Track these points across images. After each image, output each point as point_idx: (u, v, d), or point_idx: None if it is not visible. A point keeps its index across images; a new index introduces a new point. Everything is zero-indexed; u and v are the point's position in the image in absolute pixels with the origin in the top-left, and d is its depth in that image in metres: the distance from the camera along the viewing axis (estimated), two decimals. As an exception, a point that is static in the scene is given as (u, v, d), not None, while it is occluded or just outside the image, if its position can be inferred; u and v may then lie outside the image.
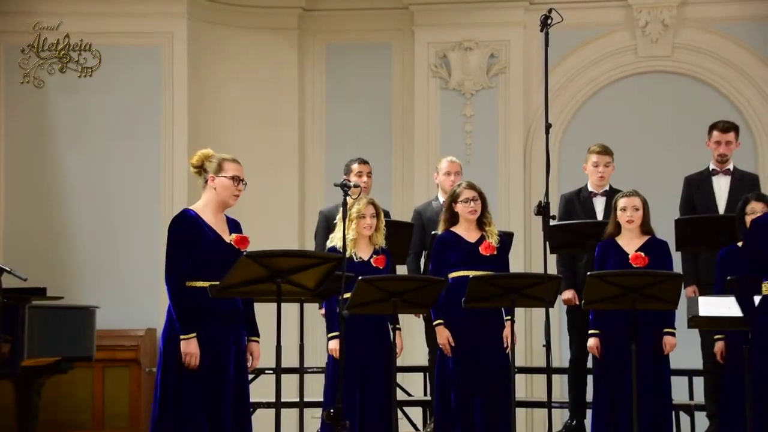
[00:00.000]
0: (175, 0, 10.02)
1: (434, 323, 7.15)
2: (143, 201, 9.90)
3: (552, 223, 6.75)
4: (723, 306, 6.34)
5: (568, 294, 7.78)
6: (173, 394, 5.65)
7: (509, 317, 7.03)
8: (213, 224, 5.77)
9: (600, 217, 7.84)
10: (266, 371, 8.52)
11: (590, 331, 7.14)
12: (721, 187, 7.99)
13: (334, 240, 7.08)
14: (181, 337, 5.61)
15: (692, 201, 8.03)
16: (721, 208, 7.90)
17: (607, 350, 7.06)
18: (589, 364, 7.57)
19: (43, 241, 9.86)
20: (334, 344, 6.95)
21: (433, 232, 7.72)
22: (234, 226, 5.89)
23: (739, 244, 6.96)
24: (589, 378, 7.56)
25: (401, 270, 8.07)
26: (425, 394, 8.88)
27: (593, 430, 7.12)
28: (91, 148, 9.97)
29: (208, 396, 5.66)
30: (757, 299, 6.01)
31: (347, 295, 6.23)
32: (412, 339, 9.37)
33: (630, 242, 7.18)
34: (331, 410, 6.14)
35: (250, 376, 8.43)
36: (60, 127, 10.01)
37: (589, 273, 6.61)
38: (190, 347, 5.60)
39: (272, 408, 5.87)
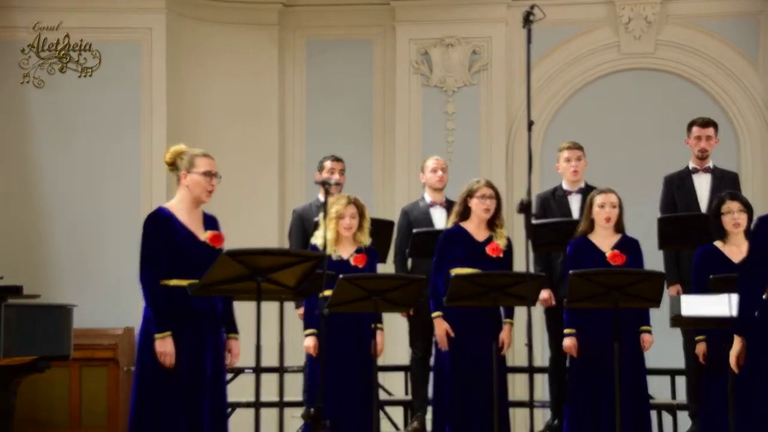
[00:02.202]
0: (155, -5, 9.97)
1: (433, 315, 7.12)
2: (122, 198, 9.82)
3: (534, 221, 6.71)
4: (705, 305, 6.30)
5: (544, 294, 7.67)
6: (151, 394, 5.63)
7: (509, 319, 7.01)
8: (187, 222, 5.73)
9: (576, 215, 7.78)
10: (246, 370, 8.47)
11: (565, 331, 7.09)
12: (702, 185, 7.95)
13: (317, 238, 7.04)
14: (156, 336, 5.59)
15: (673, 200, 7.99)
16: (703, 206, 7.85)
17: (587, 349, 7.01)
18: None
19: (20, 239, 9.77)
20: (310, 341, 6.94)
21: (415, 230, 7.68)
22: (211, 222, 5.85)
23: (716, 243, 6.91)
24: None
25: (383, 268, 8.01)
26: (406, 394, 8.84)
27: (571, 429, 7.07)
28: (72, 145, 9.88)
29: (186, 396, 5.62)
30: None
31: (328, 292, 6.20)
32: (393, 338, 9.33)
33: (604, 240, 7.14)
34: (311, 409, 6.11)
35: (230, 376, 8.43)
36: (41, 124, 9.92)
37: (571, 271, 6.58)
38: (164, 346, 5.58)
39: (252, 407, 5.83)
